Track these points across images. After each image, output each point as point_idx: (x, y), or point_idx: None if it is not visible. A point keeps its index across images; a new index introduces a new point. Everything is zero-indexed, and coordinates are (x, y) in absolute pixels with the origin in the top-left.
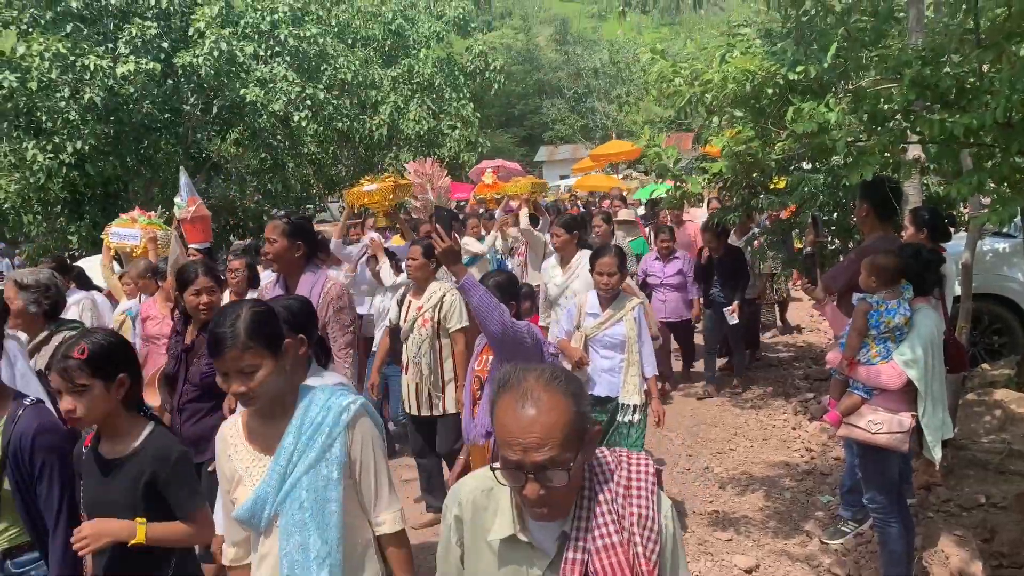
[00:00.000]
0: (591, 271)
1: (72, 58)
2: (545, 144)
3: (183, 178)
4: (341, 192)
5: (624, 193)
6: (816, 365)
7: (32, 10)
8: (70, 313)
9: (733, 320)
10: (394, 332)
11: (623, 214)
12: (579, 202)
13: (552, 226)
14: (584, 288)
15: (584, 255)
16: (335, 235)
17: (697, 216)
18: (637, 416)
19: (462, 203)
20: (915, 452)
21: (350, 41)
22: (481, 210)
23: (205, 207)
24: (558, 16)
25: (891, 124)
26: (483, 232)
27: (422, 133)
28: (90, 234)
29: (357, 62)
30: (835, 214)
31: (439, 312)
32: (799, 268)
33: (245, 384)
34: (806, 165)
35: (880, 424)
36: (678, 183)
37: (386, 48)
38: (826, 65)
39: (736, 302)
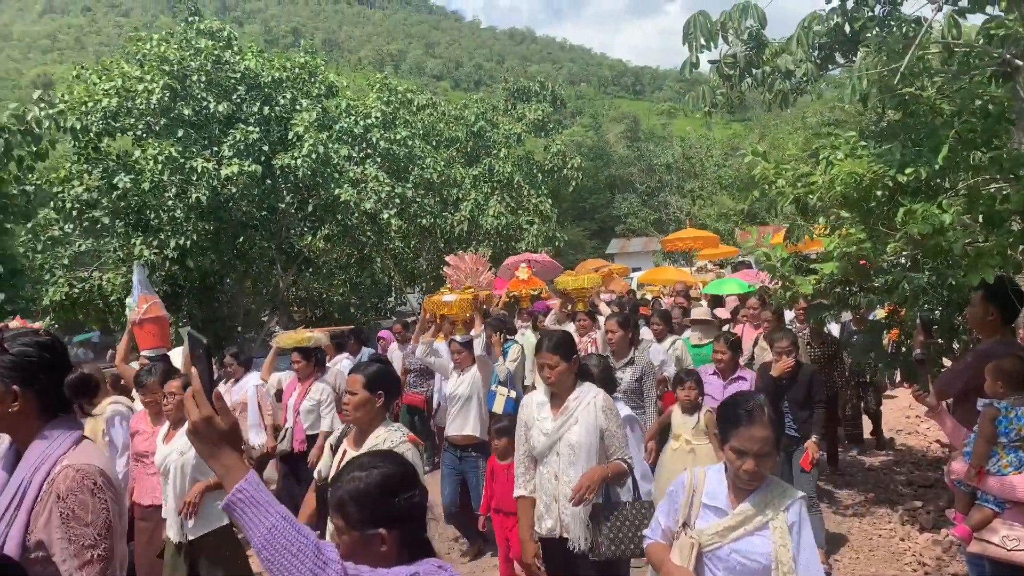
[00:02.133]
0: (722, 443)
1: (182, 160)
2: (617, 237)
3: (136, 274)
4: (421, 285)
5: (690, 288)
6: (918, 470)
7: (148, 118)
8: None
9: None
10: (321, 491)
11: (698, 313)
12: (646, 294)
13: (540, 353)
14: (587, 438)
15: (587, 390)
16: (413, 339)
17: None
18: None
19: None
20: None
21: (435, 142)
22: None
23: (162, 306)
24: (627, 114)
25: (1009, 224)
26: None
27: (500, 228)
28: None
29: (442, 162)
30: (937, 313)
31: None
32: (906, 373)
33: None
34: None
35: (1017, 541)
36: (787, 283)
37: (468, 148)
38: (938, 167)
39: (813, 438)
